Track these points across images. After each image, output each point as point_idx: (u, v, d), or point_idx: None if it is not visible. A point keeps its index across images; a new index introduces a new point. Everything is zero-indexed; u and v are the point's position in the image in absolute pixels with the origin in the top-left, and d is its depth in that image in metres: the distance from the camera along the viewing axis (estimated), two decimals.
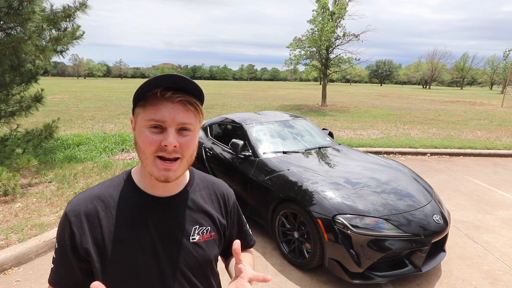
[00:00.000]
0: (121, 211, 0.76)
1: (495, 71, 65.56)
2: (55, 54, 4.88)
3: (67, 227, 0.74)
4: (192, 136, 0.73)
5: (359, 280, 2.34)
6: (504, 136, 9.17)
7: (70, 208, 0.75)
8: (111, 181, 0.82)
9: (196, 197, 0.85)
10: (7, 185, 3.48)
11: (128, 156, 6.11)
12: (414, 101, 23.33)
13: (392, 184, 2.88)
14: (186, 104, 0.71)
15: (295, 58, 16.31)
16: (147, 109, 0.70)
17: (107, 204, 0.77)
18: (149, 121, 0.69)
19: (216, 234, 0.86)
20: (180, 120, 0.70)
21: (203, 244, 0.82)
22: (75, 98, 19.25)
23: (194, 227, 0.81)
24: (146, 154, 0.70)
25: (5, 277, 2.53)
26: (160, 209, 0.78)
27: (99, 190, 0.79)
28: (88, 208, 0.75)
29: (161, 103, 0.69)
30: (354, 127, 10.11)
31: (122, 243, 0.74)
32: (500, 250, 3.12)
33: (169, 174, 0.70)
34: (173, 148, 0.69)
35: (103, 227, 0.74)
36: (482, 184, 5.12)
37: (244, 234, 1.00)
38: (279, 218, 2.90)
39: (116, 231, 0.75)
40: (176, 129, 0.70)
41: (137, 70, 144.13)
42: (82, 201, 0.76)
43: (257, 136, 3.68)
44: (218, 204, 0.90)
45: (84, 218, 0.74)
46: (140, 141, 0.71)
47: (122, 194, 0.79)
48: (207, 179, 0.92)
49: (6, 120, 4.60)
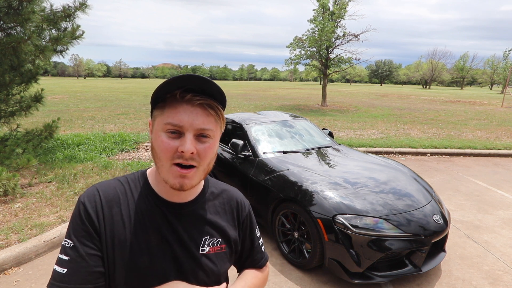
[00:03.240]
0: (134, 210, 0.73)
1: (495, 71, 65.55)
2: (55, 54, 4.88)
3: (84, 213, 0.70)
4: (211, 143, 0.68)
5: (359, 280, 2.34)
6: (504, 136, 9.17)
7: (85, 195, 0.72)
8: (126, 178, 0.78)
9: (209, 207, 0.81)
10: (7, 185, 3.48)
11: (128, 156, 6.11)
12: (414, 101, 23.34)
13: (392, 184, 2.88)
14: (206, 108, 0.66)
15: (295, 58, 16.33)
16: (165, 112, 0.66)
17: (121, 199, 0.74)
18: (166, 125, 0.65)
19: (227, 247, 0.82)
20: (199, 125, 0.65)
21: (213, 256, 0.78)
22: (75, 98, 19.25)
23: (204, 238, 0.78)
24: (162, 160, 0.66)
25: (5, 277, 2.53)
26: (172, 215, 0.75)
27: (115, 183, 0.76)
28: (103, 198, 0.72)
29: (180, 105, 0.65)
30: (354, 127, 10.11)
31: (131, 244, 0.71)
32: (500, 250, 3.11)
33: (184, 181, 0.66)
34: (190, 155, 0.64)
35: (114, 222, 0.71)
36: (482, 184, 5.12)
37: (254, 251, 0.92)
38: (279, 218, 2.90)
39: (126, 230, 0.71)
40: (195, 135, 0.66)
41: (137, 70, 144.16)
42: (97, 190, 0.73)
43: (257, 136, 3.68)
44: (231, 215, 0.85)
45: (99, 206, 0.71)
46: (156, 145, 0.67)
47: (137, 193, 0.75)
48: (221, 188, 0.87)
49: (6, 120, 4.59)
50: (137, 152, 6.45)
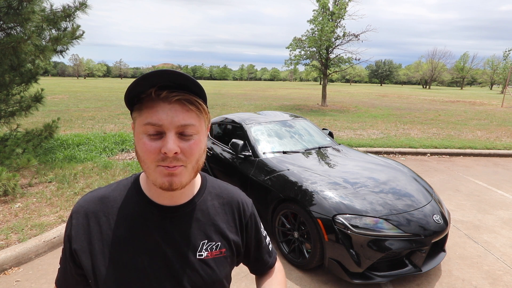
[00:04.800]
0: (123, 218, 0.71)
1: (495, 71, 65.55)
2: (55, 54, 4.88)
3: (68, 227, 0.72)
4: (196, 139, 0.64)
5: (359, 280, 2.34)
6: (504, 136, 9.17)
7: (75, 207, 0.73)
8: (119, 183, 0.76)
9: (207, 208, 0.76)
10: (7, 185, 3.48)
11: (128, 156, 6.11)
12: (414, 101, 23.34)
13: (392, 184, 2.88)
14: (185, 103, 0.62)
15: (295, 58, 16.33)
16: (143, 113, 0.62)
17: (110, 208, 0.71)
18: (146, 126, 0.61)
19: (227, 251, 0.77)
20: (180, 122, 0.61)
21: (212, 262, 0.74)
22: (75, 98, 19.25)
23: (202, 242, 0.73)
24: (147, 163, 0.63)
25: (5, 277, 2.53)
26: (165, 219, 0.71)
27: (105, 192, 0.74)
28: (90, 210, 0.71)
29: (157, 104, 0.61)
30: (354, 127, 10.11)
31: (121, 252, 0.68)
32: (500, 250, 3.11)
33: (173, 179, 0.62)
34: (174, 155, 0.61)
35: (102, 232, 0.69)
36: (482, 184, 5.12)
37: (262, 251, 0.89)
38: (279, 218, 2.90)
39: (116, 238, 0.69)
40: (177, 133, 0.62)
41: (137, 70, 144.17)
42: (86, 202, 0.73)
43: (257, 136, 3.68)
44: (232, 216, 0.80)
45: (82, 219, 0.71)
46: (139, 148, 0.63)
47: (127, 199, 0.73)
48: (221, 187, 0.83)
49: (6, 120, 4.60)
50: None
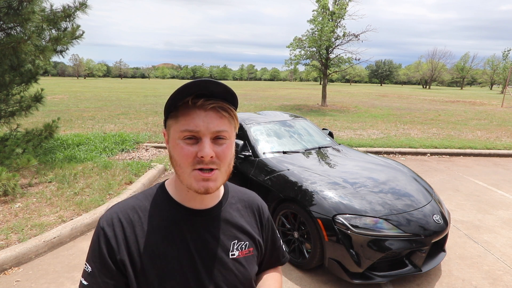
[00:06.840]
0: (157, 225, 0.73)
1: (495, 71, 65.54)
2: (55, 54, 4.89)
3: (103, 240, 0.70)
4: (228, 144, 0.69)
5: (359, 280, 2.34)
6: (504, 136, 9.17)
7: (104, 219, 0.72)
8: (144, 193, 0.79)
9: (233, 211, 0.81)
10: (7, 185, 3.48)
11: (128, 156, 6.11)
12: (414, 101, 23.33)
13: (392, 184, 2.88)
14: (219, 110, 0.67)
15: (295, 58, 16.32)
16: (180, 120, 0.67)
17: (142, 217, 0.73)
18: (183, 132, 0.66)
19: (254, 250, 0.82)
20: (215, 128, 0.66)
21: (243, 260, 0.79)
22: (75, 98, 19.25)
23: (232, 242, 0.78)
24: (183, 167, 0.67)
25: (5, 277, 2.53)
26: (197, 222, 0.75)
27: (134, 202, 0.76)
28: (123, 219, 0.72)
29: (194, 112, 0.66)
30: (354, 127, 10.11)
31: (160, 258, 0.71)
32: (500, 250, 3.12)
33: (208, 184, 0.66)
34: (210, 159, 0.65)
35: (139, 241, 0.71)
36: (482, 184, 5.12)
37: (277, 250, 0.95)
38: (279, 218, 2.90)
39: (153, 246, 0.71)
40: (211, 138, 0.66)
41: (137, 70, 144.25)
42: (117, 213, 0.73)
43: (256, 136, 3.68)
44: (254, 218, 0.86)
45: (118, 230, 0.71)
46: (175, 154, 0.68)
47: (157, 206, 0.75)
48: (241, 191, 0.89)
49: (6, 120, 4.60)
50: (137, 152, 6.45)
